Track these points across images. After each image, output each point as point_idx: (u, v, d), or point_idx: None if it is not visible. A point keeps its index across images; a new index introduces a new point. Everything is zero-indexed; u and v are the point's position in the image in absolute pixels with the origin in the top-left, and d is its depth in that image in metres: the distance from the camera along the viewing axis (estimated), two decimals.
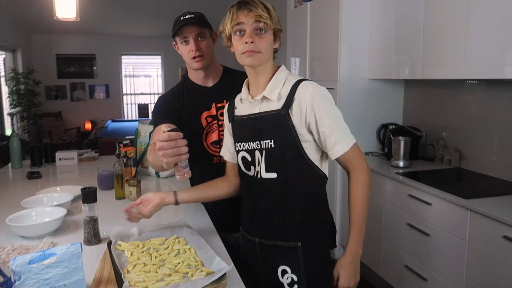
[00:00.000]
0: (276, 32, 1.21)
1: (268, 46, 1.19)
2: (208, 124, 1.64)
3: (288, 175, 1.21)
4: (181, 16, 1.55)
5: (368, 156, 3.00)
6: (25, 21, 6.79)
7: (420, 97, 3.01)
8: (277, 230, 1.26)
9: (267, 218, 1.27)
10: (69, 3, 2.89)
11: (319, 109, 1.16)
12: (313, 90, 1.17)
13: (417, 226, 2.26)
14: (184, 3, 6.34)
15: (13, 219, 1.41)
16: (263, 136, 1.22)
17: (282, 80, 1.23)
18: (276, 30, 1.20)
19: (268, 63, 1.22)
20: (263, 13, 1.15)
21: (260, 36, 1.17)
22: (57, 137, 7.09)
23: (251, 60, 1.18)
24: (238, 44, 1.18)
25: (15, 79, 6.34)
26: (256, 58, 1.18)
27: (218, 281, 1.01)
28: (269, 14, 1.16)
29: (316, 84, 1.21)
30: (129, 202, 1.79)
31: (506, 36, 1.93)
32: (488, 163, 2.44)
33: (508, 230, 1.71)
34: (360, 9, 2.98)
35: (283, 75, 1.24)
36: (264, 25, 1.16)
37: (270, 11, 1.17)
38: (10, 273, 0.90)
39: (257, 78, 1.25)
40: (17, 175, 2.36)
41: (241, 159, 1.30)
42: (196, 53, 1.53)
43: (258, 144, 1.23)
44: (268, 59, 1.22)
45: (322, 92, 1.18)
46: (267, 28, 1.17)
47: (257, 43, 1.16)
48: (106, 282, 1.05)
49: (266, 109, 1.22)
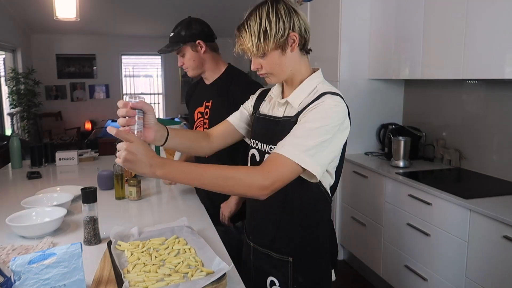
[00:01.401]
0: (279, 44, 1.09)
1: (273, 66, 1.12)
2: (197, 120, 1.78)
3: (287, 187, 1.09)
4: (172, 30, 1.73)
5: (368, 156, 3.00)
6: (25, 21, 6.79)
7: (420, 97, 3.01)
8: (270, 240, 1.22)
9: (263, 226, 1.24)
10: (69, 3, 2.88)
11: (308, 113, 1.06)
12: (324, 102, 1.06)
13: (417, 226, 2.26)
14: (184, 3, 6.29)
15: (13, 219, 1.41)
16: (275, 141, 1.12)
17: (310, 88, 1.14)
18: (278, 42, 1.08)
19: (292, 71, 1.15)
20: (249, 46, 1.08)
21: (263, 59, 1.12)
22: (57, 137, 7.09)
23: (268, 81, 1.16)
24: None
25: (15, 79, 6.34)
26: (271, 79, 1.15)
27: (218, 281, 1.01)
28: (258, 39, 1.07)
29: (337, 99, 1.08)
30: (129, 202, 1.80)
31: (506, 36, 1.93)
32: (488, 163, 2.44)
33: (508, 230, 1.71)
34: (360, 9, 2.98)
35: (313, 83, 1.15)
36: (258, 53, 1.09)
37: (258, 36, 1.07)
38: (10, 273, 0.90)
39: (290, 80, 1.19)
40: (17, 175, 2.36)
41: (250, 156, 1.26)
42: (182, 67, 1.73)
43: (271, 148, 1.16)
44: (286, 73, 1.14)
45: (330, 105, 1.05)
46: (263, 53, 1.09)
47: (264, 66, 1.13)
48: (106, 282, 1.05)
49: (287, 114, 1.16)
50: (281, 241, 1.20)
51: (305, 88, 1.14)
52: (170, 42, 1.71)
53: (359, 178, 2.82)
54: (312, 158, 1.01)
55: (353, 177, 2.89)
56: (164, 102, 8.61)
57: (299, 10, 1.13)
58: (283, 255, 1.19)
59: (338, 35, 2.96)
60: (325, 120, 1.04)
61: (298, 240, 1.18)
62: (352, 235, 2.94)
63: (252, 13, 1.10)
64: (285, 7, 1.09)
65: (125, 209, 1.72)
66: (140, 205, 1.78)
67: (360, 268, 2.97)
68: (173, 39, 1.71)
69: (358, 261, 2.91)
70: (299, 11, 1.12)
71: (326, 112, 1.05)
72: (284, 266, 1.19)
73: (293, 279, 1.19)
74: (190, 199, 1.84)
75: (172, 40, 1.71)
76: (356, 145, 3.07)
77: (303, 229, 1.18)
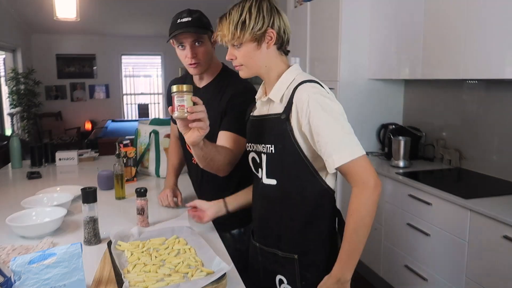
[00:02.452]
0: (256, 37, 1.12)
1: (247, 58, 1.15)
2: None
3: (287, 183, 1.16)
4: (178, 18, 1.46)
5: (368, 156, 2.99)
6: (25, 21, 6.79)
7: (420, 97, 3.01)
8: (275, 239, 1.22)
9: (267, 225, 1.25)
10: (69, 3, 2.89)
11: (313, 118, 1.07)
12: (308, 97, 1.08)
13: (417, 226, 2.26)
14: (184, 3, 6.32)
15: (13, 219, 1.41)
16: (265, 139, 1.17)
17: (289, 81, 1.16)
18: (254, 35, 1.12)
19: (267, 67, 1.17)
20: (226, 33, 1.13)
21: (238, 50, 1.15)
22: (57, 137, 7.09)
23: (241, 74, 1.20)
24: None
25: (15, 79, 6.34)
26: (243, 71, 1.19)
27: (218, 281, 1.01)
28: (235, 28, 1.11)
29: (316, 87, 1.11)
30: (129, 201, 1.79)
31: (506, 36, 1.93)
32: (488, 163, 2.44)
33: (508, 230, 1.71)
34: (360, 9, 2.98)
35: (290, 76, 1.17)
36: (233, 41, 1.13)
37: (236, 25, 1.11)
38: (10, 273, 0.90)
39: (267, 80, 1.21)
40: (17, 175, 2.36)
41: (251, 160, 1.27)
42: (192, 60, 1.46)
43: (264, 147, 1.18)
44: (258, 68, 1.18)
45: (317, 99, 1.08)
46: (239, 42, 1.13)
47: (238, 58, 1.16)
48: (106, 282, 1.05)
49: (272, 111, 1.18)
50: (285, 239, 1.20)
51: (283, 82, 1.17)
52: (190, 26, 1.44)
53: None
54: (356, 143, 1.09)
55: None
56: (164, 102, 8.62)
57: (282, 12, 1.17)
58: (288, 252, 1.20)
59: (338, 35, 2.96)
60: (328, 111, 1.08)
61: (301, 236, 1.19)
62: None
63: (236, 5, 1.15)
64: (269, 5, 1.14)
65: (125, 209, 1.72)
66: None
67: (360, 268, 2.97)
68: (195, 24, 1.44)
69: (358, 261, 2.90)
70: (281, 13, 1.17)
71: (321, 106, 1.08)
72: (290, 264, 1.20)
73: (300, 276, 1.19)
74: (190, 199, 1.84)
75: (194, 24, 1.44)
76: None
77: (305, 226, 1.18)
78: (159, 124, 2.26)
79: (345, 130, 1.08)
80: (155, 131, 2.20)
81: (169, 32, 1.48)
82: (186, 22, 1.44)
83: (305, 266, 1.18)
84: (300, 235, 1.18)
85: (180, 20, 1.45)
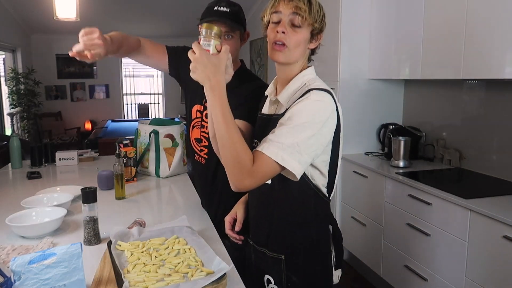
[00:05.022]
0: (314, 31, 1.11)
1: (298, 42, 1.09)
2: (195, 119, 1.63)
3: (277, 184, 1.14)
4: (215, 5, 1.41)
5: (368, 156, 3.00)
6: (25, 21, 6.79)
7: (420, 97, 3.01)
8: (265, 238, 1.22)
9: (258, 224, 1.26)
10: (69, 3, 2.88)
11: (291, 110, 1.04)
12: (308, 97, 1.04)
13: (417, 226, 2.26)
14: (184, 3, 6.28)
15: (13, 219, 1.41)
16: None
17: (298, 85, 1.13)
18: (315, 29, 1.10)
19: (297, 63, 1.14)
20: (303, 6, 1.06)
21: (294, 30, 1.08)
22: (57, 137, 7.09)
23: (277, 55, 1.10)
24: (271, 33, 1.10)
25: (15, 79, 6.34)
26: (283, 53, 1.10)
27: (218, 281, 1.01)
28: (310, 8, 1.07)
29: (322, 94, 1.05)
30: (129, 201, 1.80)
31: (506, 36, 1.93)
32: (488, 163, 2.44)
33: (508, 230, 1.71)
34: (360, 9, 2.98)
35: (302, 80, 1.13)
36: (301, 19, 1.07)
37: (312, 6, 1.08)
38: (10, 273, 0.90)
39: (283, 76, 1.17)
40: (17, 175, 2.36)
41: None
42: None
43: None
44: (297, 58, 1.12)
45: (313, 100, 1.04)
46: (304, 24, 1.08)
47: (289, 36, 1.08)
48: (106, 282, 1.05)
49: (278, 112, 1.15)
50: (274, 239, 1.20)
51: (294, 85, 1.14)
52: (228, 17, 1.39)
53: (359, 178, 2.82)
54: (291, 156, 0.99)
55: (353, 177, 2.89)
56: (164, 102, 8.62)
57: None
58: (276, 253, 1.19)
59: (338, 35, 2.96)
60: (307, 116, 1.02)
61: (290, 238, 1.18)
62: (352, 235, 2.93)
63: None
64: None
65: (125, 209, 1.72)
66: (140, 205, 1.78)
67: (360, 268, 2.97)
68: (232, 17, 1.40)
69: (358, 261, 2.91)
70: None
71: (309, 108, 1.03)
72: (277, 264, 1.19)
73: (286, 278, 1.18)
74: (190, 199, 1.84)
75: (230, 17, 1.39)
76: (356, 145, 3.07)
77: (293, 227, 1.17)
78: (159, 124, 2.25)
79: (300, 138, 1.00)
80: (155, 131, 2.20)
81: (202, 17, 1.42)
82: (224, 12, 1.40)
83: (291, 268, 1.18)
84: (289, 236, 1.18)
85: (217, 8, 1.40)
